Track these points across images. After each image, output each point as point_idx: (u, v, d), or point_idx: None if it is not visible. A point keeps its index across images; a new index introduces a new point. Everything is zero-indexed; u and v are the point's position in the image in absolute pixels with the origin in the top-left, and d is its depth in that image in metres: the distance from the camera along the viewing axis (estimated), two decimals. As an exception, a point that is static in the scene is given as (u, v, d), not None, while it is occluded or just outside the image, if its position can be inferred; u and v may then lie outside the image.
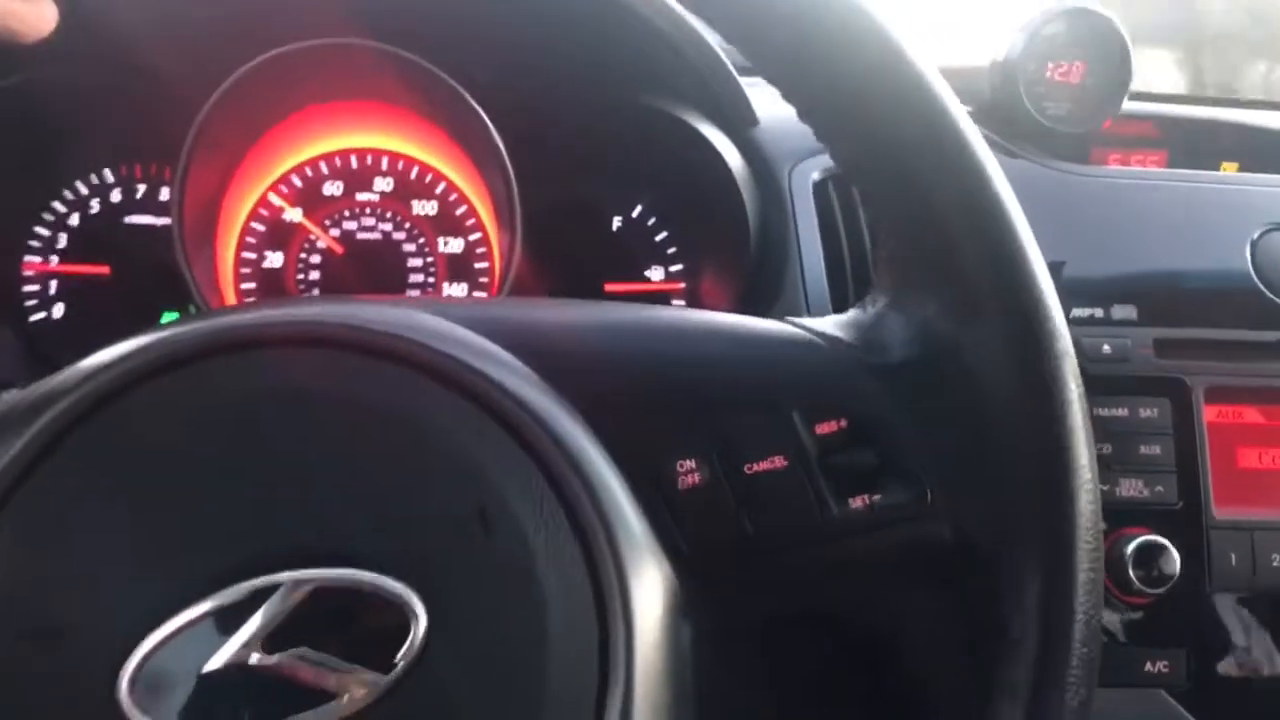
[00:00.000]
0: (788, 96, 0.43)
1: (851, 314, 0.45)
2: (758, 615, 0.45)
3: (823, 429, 0.41)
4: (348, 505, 0.36)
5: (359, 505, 0.36)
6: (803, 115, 0.44)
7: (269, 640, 0.34)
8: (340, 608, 0.35)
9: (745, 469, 0.41)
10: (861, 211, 0.44)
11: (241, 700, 0.34)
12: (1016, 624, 0.38)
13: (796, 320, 0.45)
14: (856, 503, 0.41)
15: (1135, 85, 0.83)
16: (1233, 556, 0.70)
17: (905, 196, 0.41)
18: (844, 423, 0.42)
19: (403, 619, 0.35)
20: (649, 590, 0.37)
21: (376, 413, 0.38)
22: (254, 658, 0.34)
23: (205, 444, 0.37)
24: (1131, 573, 0.68)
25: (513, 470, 0.37)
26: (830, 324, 0.45)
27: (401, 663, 0.34)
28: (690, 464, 0.40)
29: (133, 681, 0.34)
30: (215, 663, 0.34)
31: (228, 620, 0.34)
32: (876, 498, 0.41)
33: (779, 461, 0.41)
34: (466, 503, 0.36)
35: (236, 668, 0.34)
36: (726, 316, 0.46)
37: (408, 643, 0.34)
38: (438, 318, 0.41)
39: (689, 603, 0.39)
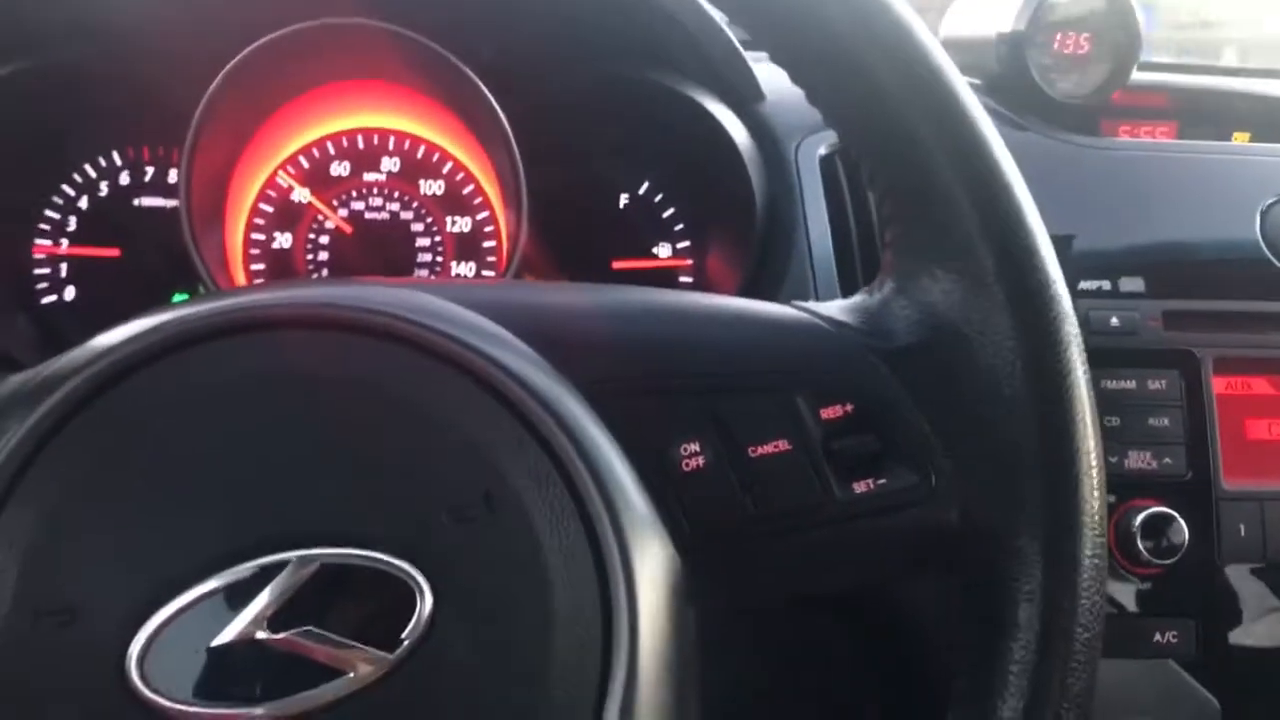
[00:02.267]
0: (793, 76, 0.43)
1: (858, 298, 0.45)
2: (761, 597, 0.45)
3: (827, 413, 0.42)
4: (354, 486, 0.37)
5: (365, 486, 0.37)
6: (809, 95, 0.43)
7: (276, 617, 0.35)
8: (346, 586, 0.35)
9: (749, 452, 0.41)
10: (869, 192, 0.44)
11: (250, 675, 0.34)
12: (1020, 610, 0.39)
13: (802, 304, 0.45)
14: (860, 487, 0.41)
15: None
16: (1242, 527, 0.70)
17: (908, 175, 0.41)
18: (849, 407, 0.42)
19: (408, 598, 0.35)
20: (652, 571, 0.37)
21: (381, 394, 0.38)
22: (261, 634, 0.34)
23: (212, 424, 0.37)
24: (1140, 544, 0.68)
25: (517, 451, 0.37)
26: (836, 308, 0.45)
27: (407, 640, 0.35)
28: (694, 446, 0.40)
29: (141, 657, 0.34)
30: (224, 638, 0.34)
31: (236, 597, 0.35)
32: (881, 482, 0.41)
33: (782, 445, 0.41)
34: (471, 483, 0.37)
35: (245, 643, 0.34)
36: (731, 300, 0.46)
37: (413, 621, 0.35)
38: (441, 299, 0.41)
39: (692, 583, 0.39)
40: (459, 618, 0.35)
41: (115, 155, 0.82)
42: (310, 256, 0.82)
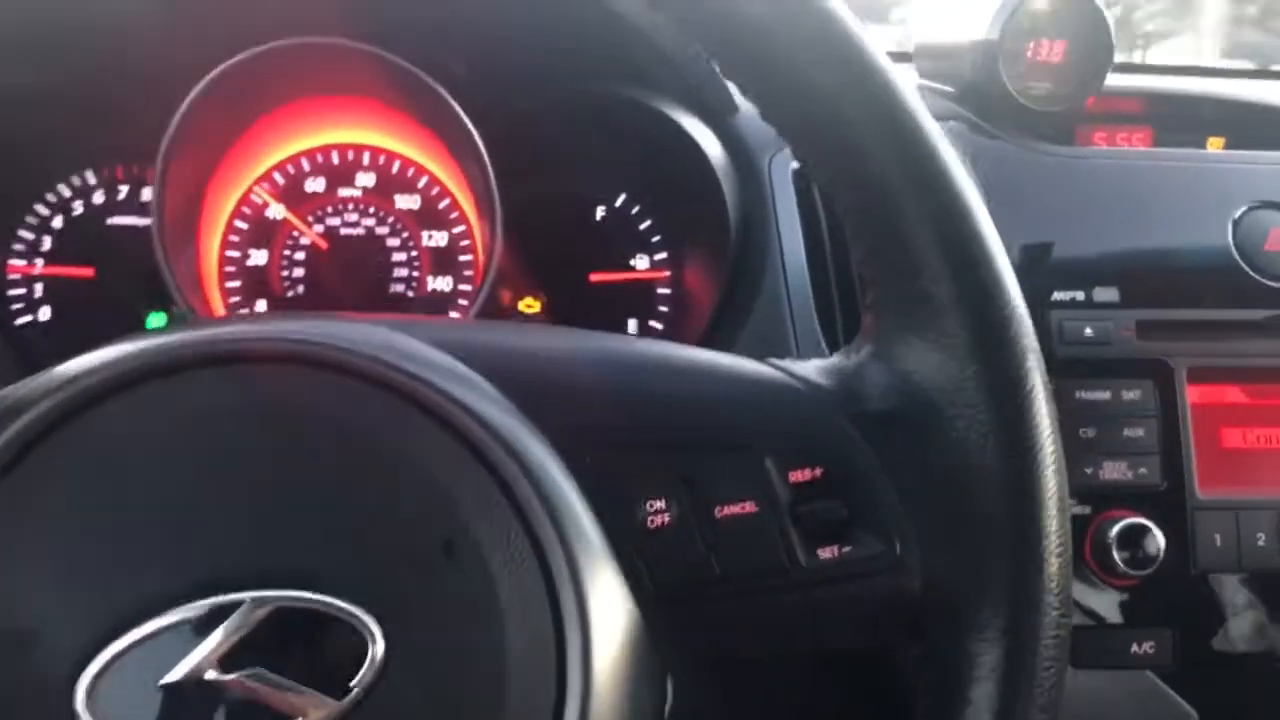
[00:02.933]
0: (764, 115, 0.43)
1: (834, 360, 0.45)
2: (722, 655, 0.44)
3: (796, 476, 0.41)
4: (313, 527, 0.36)
5: (325, 527, 0.36)
6: (781, 133, 0.43)
7: (227, 657, 0.34)
8: (300, 629, 0.35)
9: (715, 511, 0.40)
10: (851, 249, 0.43)
11: (197, 716, 0.34)
12: (977, 687, 0.38)
13: (778, 362, 0.45)
14: (826, 553, 0.41)
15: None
16: (1217, 537, 0.70)
17: (890, 243, 0.41)
18: (818, 471, 0.41)
19: (361, 644, 0.35)
20: (610, 627, 0.37)
21: (347, 433, 0.38)
22: (212, 674, 0.34)
23: (176, 457, 0.37)
24: (1116, 555, 0.68)
25: (481, 500, 0.37)
26: (812, 369, 0.45)
27: (356, 687, 0.34)
28: (660, 503, 0.40)
29: (90, 689, 0.34)
30: (173, 676, 0.34)
31: (188, 635, 0.34)
32: (847, 549, 0.41)
33: (749, 506, 0.41)
34: (432, 531, 0.36)
35: (194, 683, 0.34)
36: (708, 354, 0.45)
37: (364, 668, 0.35)
38: (414, 339, 0.40)
39: (653, 641, 0.39)
40: (412, 666, 0.35)
41: (89, 174, 0.82)
42: (286, 273, 0.82)
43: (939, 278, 0.39)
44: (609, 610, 0.37)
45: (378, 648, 0.35)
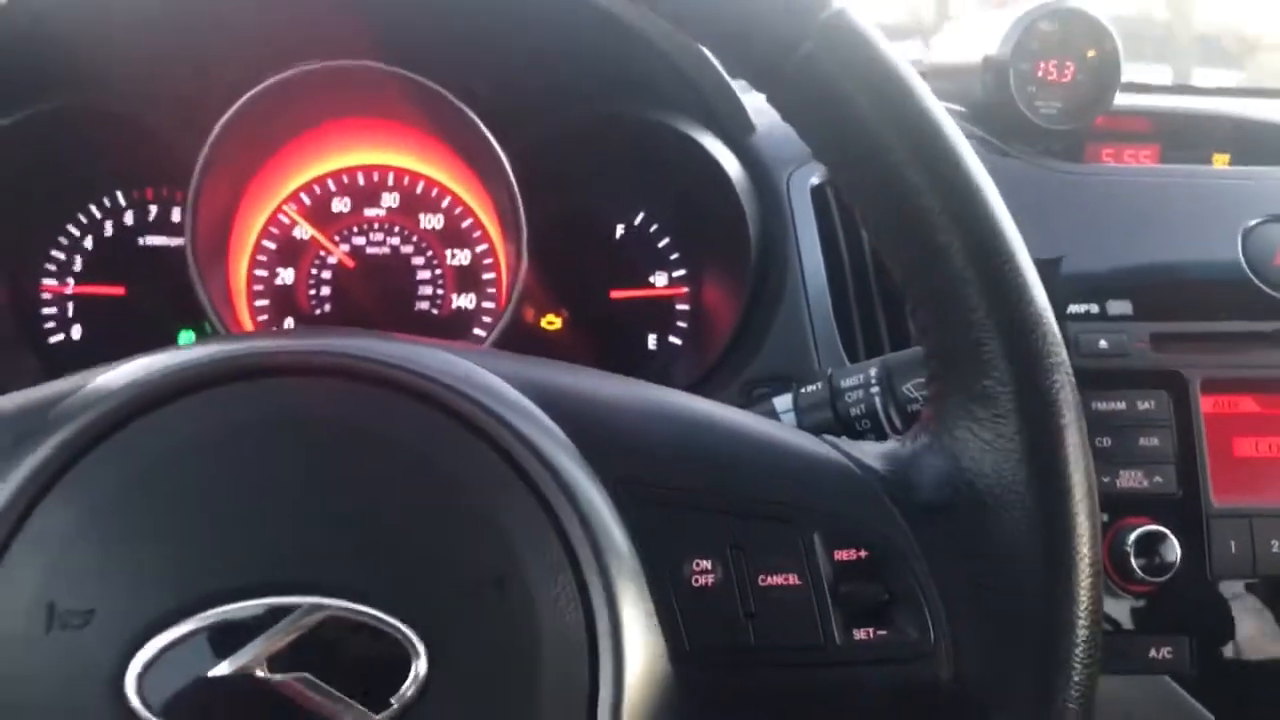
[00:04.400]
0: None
1: (890, 445, 0.46)
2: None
3: (841, 555, 0.42)
4: (373, 544, 0.38)
5: (385, 546, 0.38)
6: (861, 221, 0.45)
7: (275, 659, 0.36)
8: (347, 639, 0.36)
9: (760, 579, 0.41)
10: (918, 342, 0.45)
11: (238, 712, 0.36)
12: None
13: (835, 442, 0.46)
14: (861, 634, 0.42)
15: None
16: (1232, 544, 0.71)
17: (958, 338, 0.42)
18: (863, 553, 0.42)
19: (404, 661, 0.36)
20: (643, 679, 0.38)
21: (417, 459, 0.39)
22: (260, 672, 0.35)
23: (247, 461, 0.38)
24: (1133, 562, 0.69)
25: (536, 542, 0.38)
26: (869, 452, 0.46)
27: (395, 704, 0.36)
28: (707, 564, 0.41)
29: (141, 674, 0.35)
30: (221, 670, 0.35)
31: (241, 632, 0.36)
32: (882, 633, 0.42)
33: (793, 579, 0.42)
34: (486, 564, 0.38)
35: (242, 679, 0.35)
36: (769, 424, 0.47)
37: (405, 685, 0.36)
38: (493, 375, 0.42)
39: (681, 697, 0.40)
40: (450, 689, 0.36)
41: (120, 196, 0.83)
42: (313, 291, 0.84)
43: (1005, 383, 0.40)
44: (644, 664, 0.39)
45: (420, 666, 0.36)
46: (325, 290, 0.84)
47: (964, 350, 0.41)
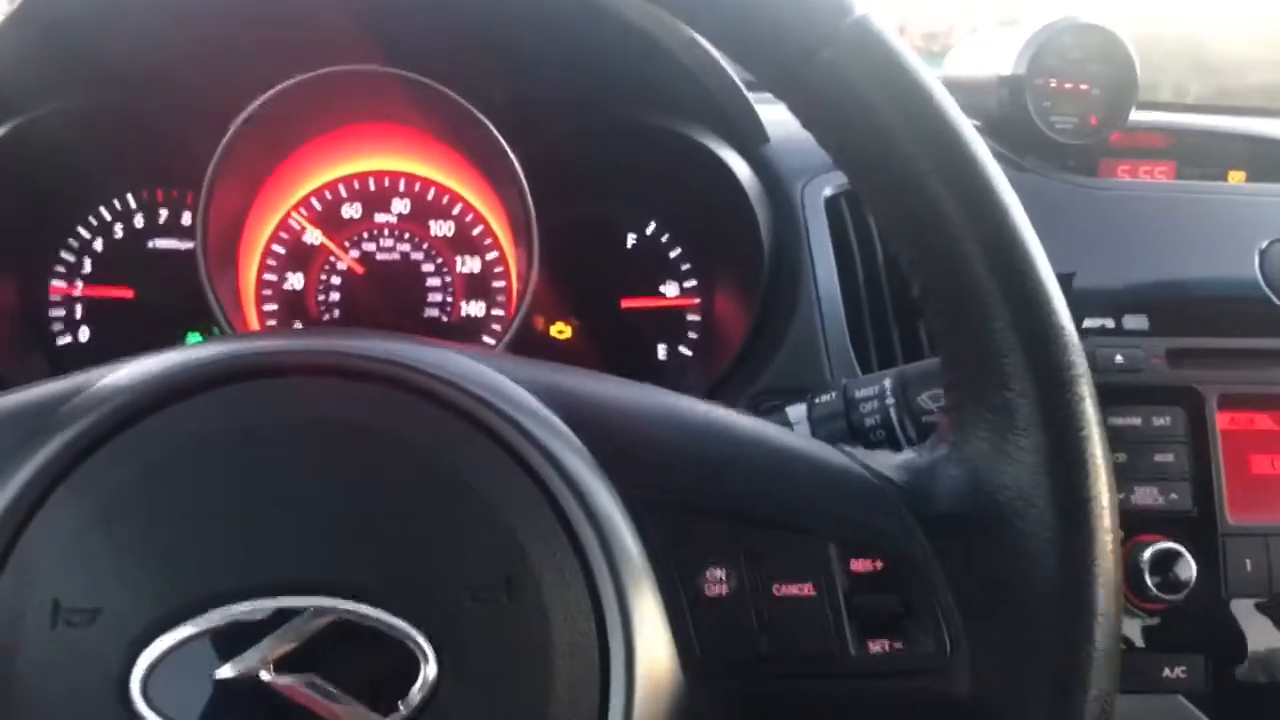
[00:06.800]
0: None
1: (908, 455, 0.45)
2: None
3: (857, 565, 0.42)
4: (382, 546, 0.37)
5: (394, 548, 0.37)
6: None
7: (282, 661, 0.35)
8: (355, 642, 0.36)
9: (774, 589, 0.41)
10: (936, 351, 0.44)
11: (244, 714, 0.35)
12: None
13: (853, 452, 0.46)
14: (876, 646, 0.41)
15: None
16: (1248, 562, 0.71)
17: (979, 351, 0.41)
18: (878, 564, 0.42)
19: (413, 664, 0.36)
20: (654, 686, 0.38)
21: (427, 461, 0.39)
22: (266, 675, 0.35)
23: (256, 461, 0.38)
24: (1148, 579, 0.68)
25: (546, 542, 0.38)
26: (886, 463, 0.45)
27: (403, 709, 0.35)
28: (720, 573, 0.41)
29: (146, 673, 0.35)
30: (227, 672, 0.35)
31: (248, 634, 0.35)
32: (897, 645, 0.41)
33: (808, 589, 0.41)
34: (496, 565, 0.37)
35: (248, 681, 0.35)
36: (785, 433, 0.46)
37: (414, 688, 0.35)
38: (506, 378, 0.42)
39: (692, 705, 0.39)
40: (459, 693, 0.36)
41: (130, 198, 0.83)
42: (322, 296, 0.83)
43: (1025, 394, 0.40)
44: (655, 672, 0.38)
45: (429, 670, 0.36)
46: (334, 295, 0.83)
47: (984, 361, 0.41)
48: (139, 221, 0.83)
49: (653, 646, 0.38)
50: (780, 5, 0.41)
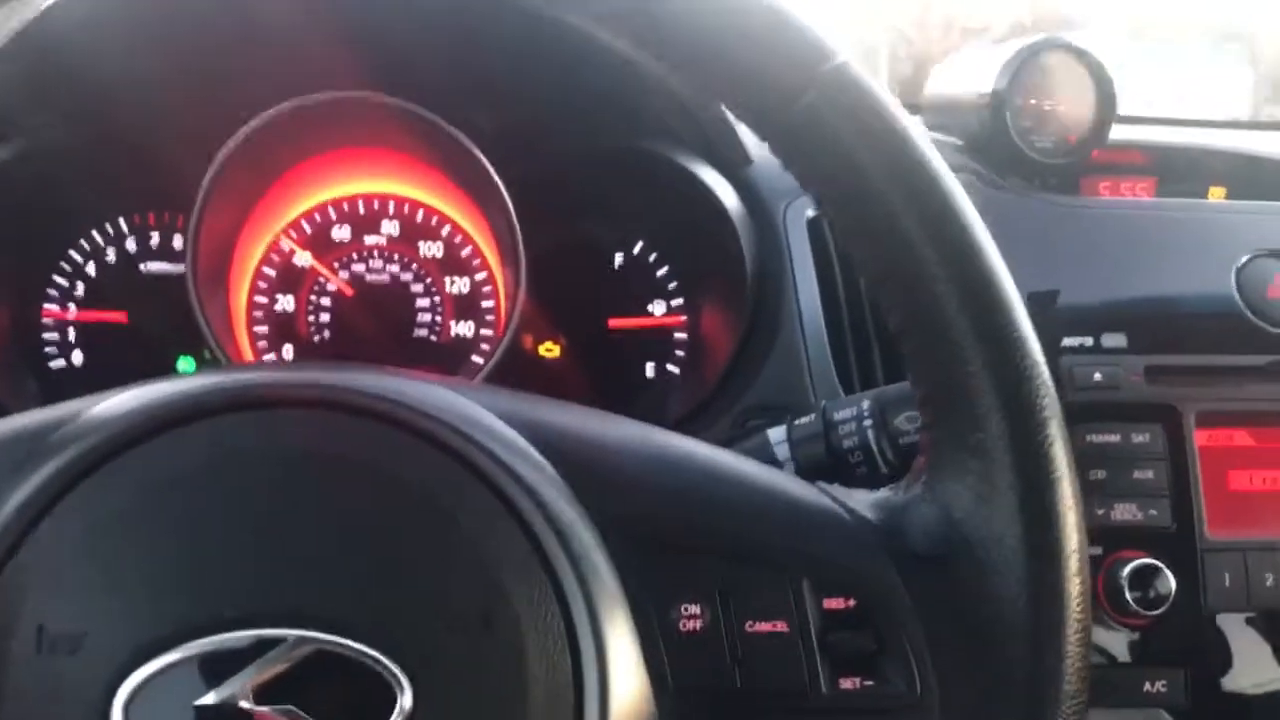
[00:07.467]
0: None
1: (883, 494, 0.46)
2: None
3: (830, 604, 0.42)
4: (362, 579, 0.38)
5: (373, 581, 0.38)
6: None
7: (262, 689, 0.36)
8: (333, 673, 0.37)
9: (747, 625, 0.42)
10: (914, 389, 0.45)
11: None
12: None
13: (829, 489, 0.46)
14: (847, 684, 0.42)
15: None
16: (1227, 577, 0.71)
17: (953, 393, 0.42)
18: (851, 602, 0.42)
19: (389, 697, 0.36)
20: None
21: (407, 494, 0.39)
22: (245, 703, 0.36)
23: (237, 493, 0.39)
24: (1128, 595, 0.69)
25: (524, 576, 0.39)
26: (861, 501, 0.46)
27: None
28: (695, 609, 0.41)
29: (128, 701, 0.36)
30: (208, 699, 0.36)
31: (228, 663, 0.36)
32: (869, 683, 0.42)
33: (780, 625, 0.42)
34: (474, 601, 0.38)
35: (228, 709, 0.36)
36: (761, 468, 0.47)
37: (390, 718, 0.36)
38: (483, 409, 0.42)
39: None
40: None
41: (122, 222, 0.84)
42: (312, 319, 0.84)
43: (999, 435, 0.41)
44: (628, 704, 0.39)
45: (405, 701, 0.36)
46: (325, 317, 0.84)
47: (958, 402, 0.41)
48: (131, 245, 0.84)
49: (627, 680, 0.39)
50: (762, 50, 0.42)
